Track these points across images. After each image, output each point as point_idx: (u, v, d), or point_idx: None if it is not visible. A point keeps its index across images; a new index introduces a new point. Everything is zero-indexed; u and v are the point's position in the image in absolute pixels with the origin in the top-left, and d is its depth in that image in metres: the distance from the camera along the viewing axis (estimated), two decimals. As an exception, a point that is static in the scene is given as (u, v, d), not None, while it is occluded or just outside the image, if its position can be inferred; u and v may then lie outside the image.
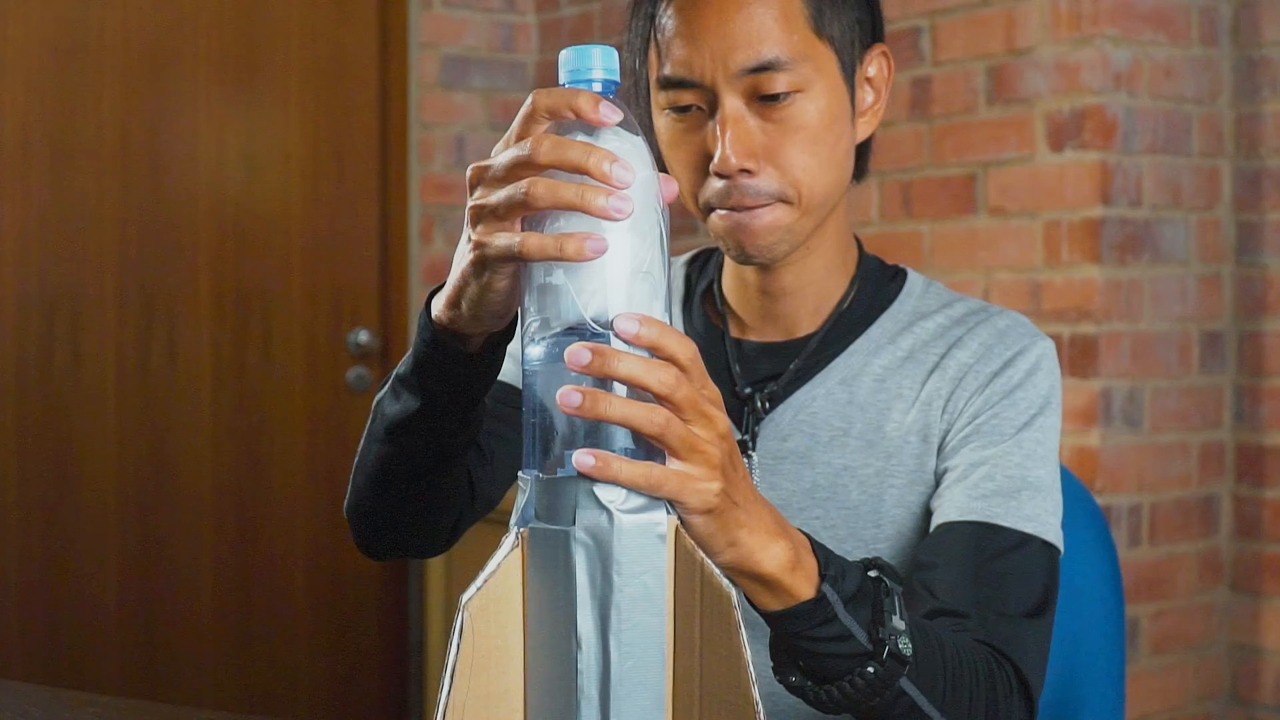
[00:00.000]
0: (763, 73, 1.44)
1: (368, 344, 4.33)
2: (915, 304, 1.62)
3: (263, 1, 4.21)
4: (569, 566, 1.01)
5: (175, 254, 4.09)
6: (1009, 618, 1.40)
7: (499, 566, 1.03)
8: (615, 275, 1.02)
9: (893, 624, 1.22)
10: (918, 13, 3.53)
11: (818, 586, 1.18)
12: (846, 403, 1.57)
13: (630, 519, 1.02)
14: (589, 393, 1.00)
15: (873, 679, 1.21)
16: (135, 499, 4.04)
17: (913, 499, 1.54)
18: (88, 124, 3.98)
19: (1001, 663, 1.36)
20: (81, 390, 3.98)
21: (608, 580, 1.01)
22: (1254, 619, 3.36)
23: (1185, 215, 3.33)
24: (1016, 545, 1.45)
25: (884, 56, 1.59)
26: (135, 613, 4.04)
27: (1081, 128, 3.22)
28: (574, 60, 1.07)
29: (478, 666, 1.03)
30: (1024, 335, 1.57)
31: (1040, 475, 1.49)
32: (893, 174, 3.59)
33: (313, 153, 4.29)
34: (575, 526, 1.01)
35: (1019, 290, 3.32)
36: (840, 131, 1.50)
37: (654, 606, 1.02)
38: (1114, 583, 1.85)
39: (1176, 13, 3.32)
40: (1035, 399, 1.53)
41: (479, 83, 4.51)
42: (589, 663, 1.02)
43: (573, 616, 1.01)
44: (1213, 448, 3.39)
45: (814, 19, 1.47)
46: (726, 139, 1.44)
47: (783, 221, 1.48)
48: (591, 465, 1.00)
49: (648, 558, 1.02)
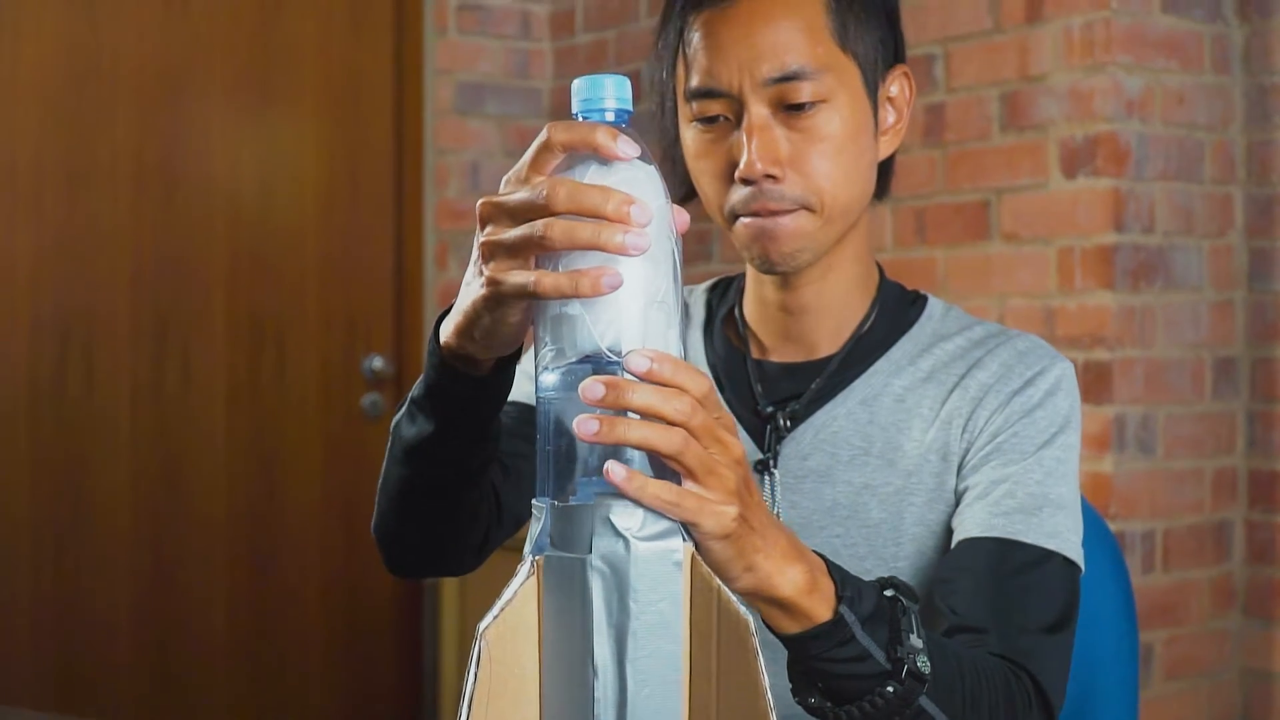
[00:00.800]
0: (788, 82, 1.47)
1: (382, 370, 4.33)
2: (936, 327, 1.64)
3: (278, 26, 4.23)
4: (585, 594, 1.01)
5: (190, 278, 4.10)
6: (1029, 632, 1.41)
7: (515, 595, 1.03)
8: (630, 305, 1.03)
9: (910, 643, 1.22)
10: (932, 39, 3.54)
11: (835, 608, 1.19)
12: (867, 422, 1.58)
13: (646, 546, 1.02)
14: (606, 419, 1.00)
15: (892, 698, 1.22)
16: (149, 523, 4.05)
17: (933, 517, 1.55)
18: (102, 147, 4.00)
19: (1020, 677, 1.37)
20: (95, 414, 3.99)
21: (624, 608, 1.01)
22: (1267, 644, 3.36)
23: (1198, 242, 3.34)
24: (1037, 561, 1.46)
25: (905, 77, 1.61)
26: (148, 638, 4.04)
27: (1094, 154, 3.23)
28: (587, 90, 1.08)
29: (495, 695, 1.03)
30: (1044, 356, 1.58)
31: (1061, 493, 1.51)
32: (907, 200, 3.59)
33: (328, 177, 4.30)
34: (591, 554, 1.01)
35: (1033, 316, 3.32)
36: (863, 145, 1.53)
37: (670, 634, 1.02)
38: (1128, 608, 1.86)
39: (1189, 40, 3.33)
40: (1055, 418, 1.54)
41: (494, 109, 4.52)
42: (605, 691, 1.02)
43: (589, 644, 1.01)
44: (1226, 473, 3.39)
45: (838, 33, 1.50)
46: (753, 146, 1.47)
47: (805, 229, 1.51)
48: (623, 477, 1.00)
49: (664, 585, 1.02)
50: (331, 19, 4.30)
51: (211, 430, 4.13)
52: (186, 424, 4.10)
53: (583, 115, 1.08)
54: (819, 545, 1.54)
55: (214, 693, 4.12)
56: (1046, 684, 1.39)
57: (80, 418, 3.97)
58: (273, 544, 4.22)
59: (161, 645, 4.05)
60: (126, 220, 4.02)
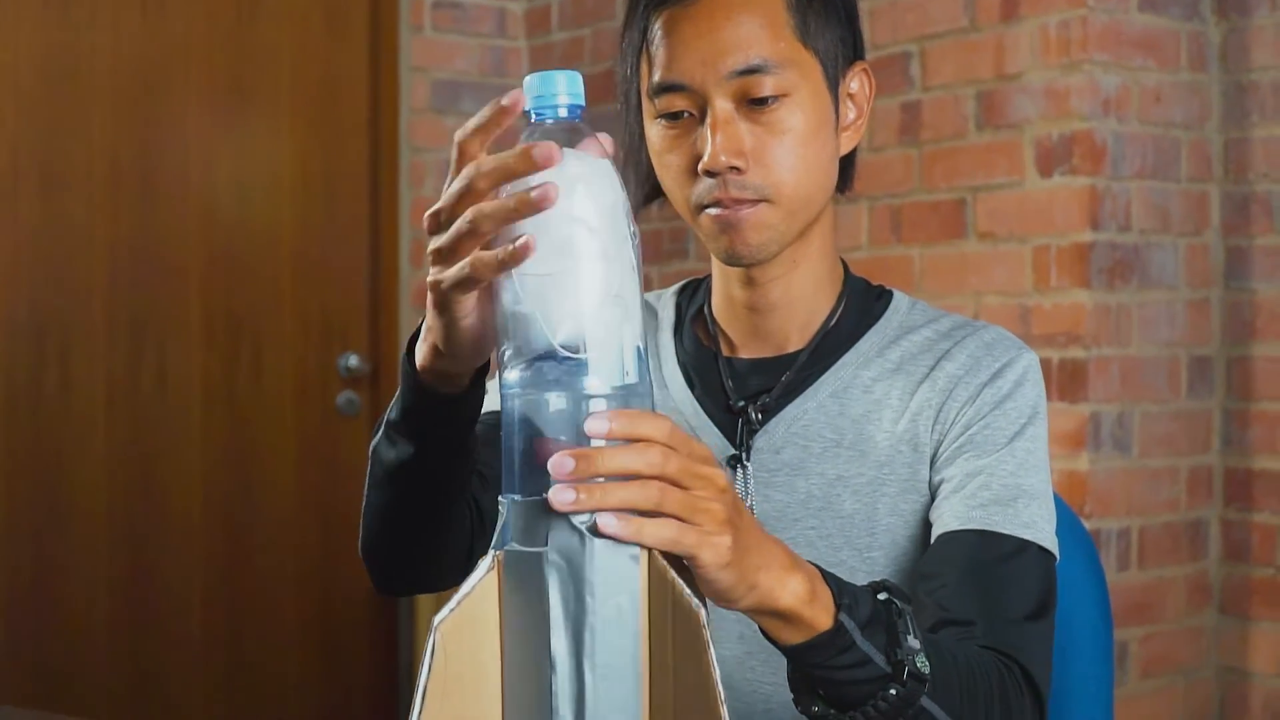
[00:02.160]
0: (751, 75, 1.49)
1: (358, 368, 4.33)
2: (902, 319, 1.65)
3: (253, 27, 4.22)
4: (543, 589, 1.02)
5: (165, 279, 4.09)
6: (1013, 622, 1.42)
7: (474, 589, 1.03)
8: (584, 301, 1.03)
9: (909, 644, 1.23)
10: (907, 38, 3.54)
11: (835, 616, 1.19)
12: (838, 414, 1.60)
13: (602, 541, 1.02)
14: (583, 487, 1.01)
15: (895, 700, 1.23)
16: (125, 523, 4.04)
17: (905, 507, 1.56)
18: (78, 149, 3.99)
19: (1010, 667, 1.38)
20: (71, 415, 3.98)
21: (580, 602, 1.01)
22: (1242, 642, 3.37)
23: (1174, 240, 3.34)
24: (1015, 551, 1.47)
25: (865, 74, 1.63)
26: (124, 636, 4.03)
27: (1070, 153, 3.23)
28: (539, 87, 1.08)
29: (450, 689, 1.02)
30: (1010, 347, 1.60)
31: (1034, 483, 1.52)
32: (882, 198, 3.59)
33: (303, 177, 4.30)
34: (548, 548, 1.02)
35: (1008, 314, 3.32)
36: (825, 139, 1.55)
37: (627, 628, 1.02)
38: (1102, 606, 1.86)
39: (1166, 38, 3.33)
40: (1025, 408, 1.56)
41: (470, 107, 4.51)
42: (563, 685, 1.02)
43: (546, 639, 1.02)
44: (1201, 472, 3.39)
45: (799, 29, 1.52)
46: (717, 139, 1.49)
47: (768, 220, 1.52)
48: (616, 527, 1.02)
49: (621, 579, 1.02)
50: (307, 18, 4.29)
51: (187, 429, 4.12)
52: (162, 423, 4.09)
53: (536, 113, 1.09)
54: (793, 538, 1.55)
55: (190, 690, 4.11)
56: (1034, 672, 1.40)
57: (56, 418, 3.96)
58: (248, 542, 4.21)
59: (137, 643, 4.04)
60: (102, 221, 4.01)
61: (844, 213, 3.67)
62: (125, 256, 4.04)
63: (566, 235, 1.04)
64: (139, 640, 4.05)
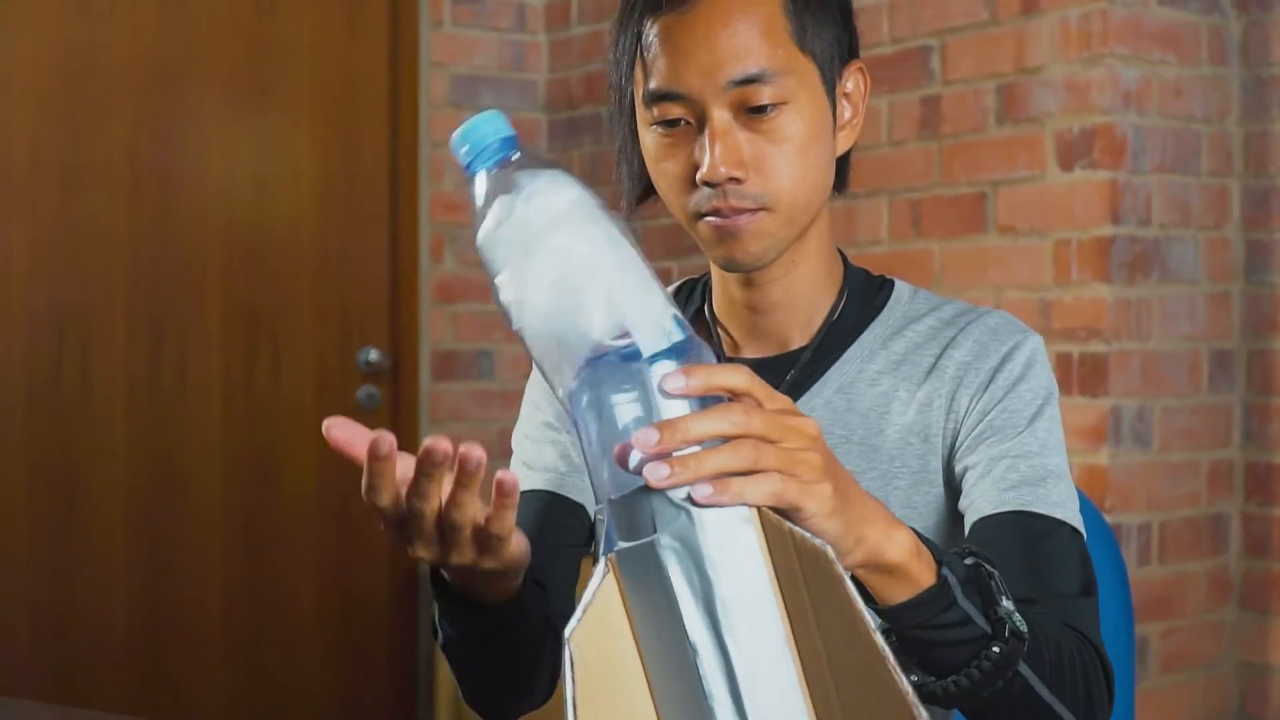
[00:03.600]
0: (749, 85, 1.47)
1: (378, 362, 4.33)
2: (905, 309, 1.65)
3: (272, 21, 4.22)
4: (663, 576, 1.00)
5: (185, 273, 4.10)
6: (1069, 598, 1.42)
7: (595, 596, 1.02)
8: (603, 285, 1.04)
9: (1005, 604, 1.23)
10: (927, 32, 3.54)
11: (937, 571, 1.19)
12: (845, 410, 1.59)
13: (709, 511, 1.00)
14: (675, 460, 1.00)
15: (997, 659, 1.22)
16: (144, 518, 4.04)
17: (919, 499, 1.56)
18: (97, 144, 3.99)
19: (1088, 644, 1.38)
20: (91, 410, 3.99)
21: (705, 578, 1.00)
22: (1263, 637, 3.36)
23: (1194, 234, 3.33)
24: (1052, 530, 1.47)
25: (860, 73, 1.61)
26: (144, 632, 4.04)
27: (1091, 147, 3.22)
28: (465, 139, 1.10)
29: (598, 695, 1.01)
30: (1016, 331, 1.60)
31: (1057, 463, 1.52)
32: (902, 193, 3.59)
33: (323, 172, 4.30)
34: (657, 534, 1.00)
35: (1028, 309, 3.32)
36: (823, 143, 1.54)
37: (758, 592, 1.01)
38: (1124, 601, 1.86)
39: (1186, 32, 3.32)
40: (1039, 390, 1.56)
41: (489, 102, 4.51)
42: (710, 665, 1.00)
43: (681, 625, 1.00)
44: (1222, 466, 3.38)
45: (796, 34, 1.50)
46: (716, 150, 1.47)
47: (767, 228, 1.51)
48: (715, 495, 1.01)
49: (738, 544, 1.01)
50: (326, 13, 4.30)
51: (207, 424, 4.13)
52: (182, 419, 4.10)
53: (471, 167, 1.10)
54: None
55: (209, 687, 4.12)
56: (1100, 649, 1.40)
57: (76, 413, 3.97)
58: (268, 538, 4.21)
59: (157, 638, 4.05)
60: (122, 216, 4.02)
61: (864, 207, 3.67)
62: (145, 252, 4.05)
63: (548, 252, 1.05)
64: (158, 636, 4.06)
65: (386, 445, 1.08)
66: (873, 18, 3.64)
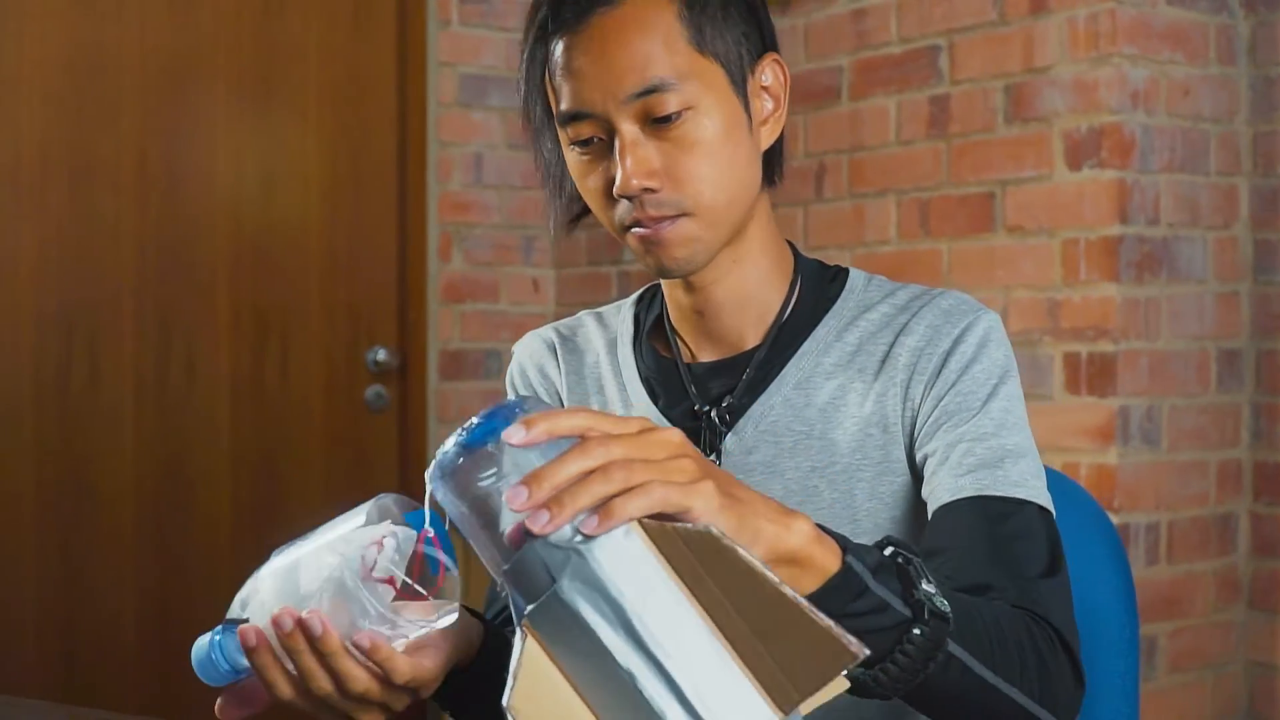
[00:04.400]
0: (651, 95, 1.48)
1: (386, 362, 4.33)
2: (859, 299, 1.65)
3: (281, 20, 4.23)
4: (577, 618, 1.01)
5: (193, 272, 4.11)
6: (1029, 580, 1.41)
7: (520, 661, 1.02)
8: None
9: (924, 588, 1.21)
10: (936, 31, 3.54)
11: (842, 557, 1.17)
12: (804, 405, 1.59)
13: (595, 540, 1.02)
14: (551, 504, 1.01)
15: (921, 642, 1.20)
16: (153, 517, 4.05)
17: (883, 489, 1.57)
18: (106, 143, 4.00)
19: (1039, 622, 1.37)
20: (99, 408, 3.99)
21: (613, 603, 1.01)
22: (1271, 637, 3.36)
23: (1203, 233, 3.33)
24: (1013, 512, 1.47)
25: (777, 64, 1.60)
26: (152, 632, 4.05)
27: (1099, 146, 3.22)
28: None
29: None
30: (969, 311, 1.59)
31: (1017, 442, 1.52)
32: (910, 192, 3.59)
33: (331, 171, 4.30)
34: (557, 582, 1.01)
35: (1037, 309, 3.32)
36: (738, 141, 1.53)
37: (665, 593, 1.02)
38: (1128, 600, 1.85)
39: (1194, 31, 3.32)
40: (994, 369, 1.55)
41: (497, 101, 4.52)
42: (650, 684, 1.00)
43: (609, 655, 1.00)
44: (1230, 466, 3.38)
45: (695, 39, 1.50)
46: (626, 164, 1.48)
47: (690, 233, 1.52)
48: (599, 523, 1.01)
49: (630, 558, 1.02)
50: (334, 12, 4.30)
51: (216, 423, 4.13)
52: (191, 417, 4.10)
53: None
54: None
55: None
56: (1061, 626, 1.38)
57: (85, 412, 3.97)
58: (277, 536, 4.18)
59: (165, 638, 4.05)
60: (130, 215, 4.03)
61: (872, 207, 3.67)
62: (153, 251, 4.05)
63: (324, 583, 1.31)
64: (166, 634, 4.06)
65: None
66: (881, 17, 3.64)
